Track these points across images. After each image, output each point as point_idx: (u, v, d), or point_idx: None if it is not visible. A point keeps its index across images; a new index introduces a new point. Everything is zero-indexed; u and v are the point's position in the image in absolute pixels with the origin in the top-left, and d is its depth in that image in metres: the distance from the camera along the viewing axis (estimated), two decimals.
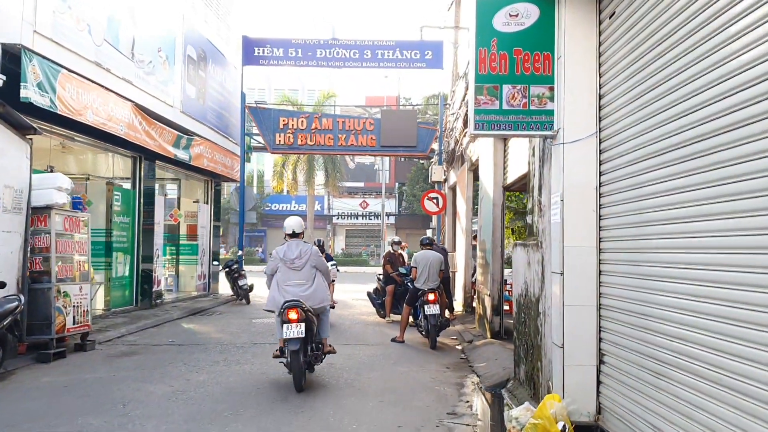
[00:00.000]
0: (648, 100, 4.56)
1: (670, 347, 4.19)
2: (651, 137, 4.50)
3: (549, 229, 5.92)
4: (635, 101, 4.76)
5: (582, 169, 5.41)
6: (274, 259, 7.69)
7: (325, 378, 8.00)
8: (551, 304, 5.78)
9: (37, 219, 9.07)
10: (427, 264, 10.85)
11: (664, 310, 4.30)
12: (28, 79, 9.57)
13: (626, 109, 4.92)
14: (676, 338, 4.12)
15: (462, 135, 15.14)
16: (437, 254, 11.18)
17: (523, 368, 7.10)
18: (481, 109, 5.51)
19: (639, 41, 4.69)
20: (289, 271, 7.53)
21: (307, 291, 7.48)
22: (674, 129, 4.18)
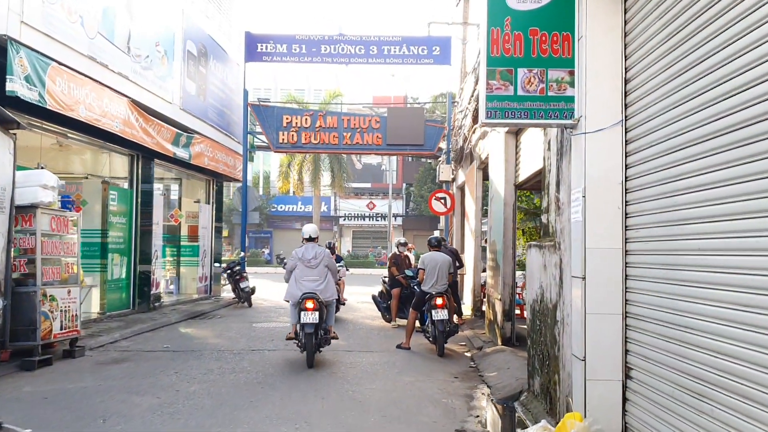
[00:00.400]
0: (683, 82, 4.02)
1: (713, 364, 3.64)
2: (686, 124, 3.96)
3: (568, 229, 5.37)
4: (667, 84, 4.21)
5: (606, 162, 4.85)
6: (293, 258, 9.19)
7: (325, 388, 7.47)
8: (571, 311, 5.23)
9: (21, 218, 8.58)
10: (435, 266, 10.28)
11: (704, 320, 3.75)
12: (15, 72, 9.11)
13: (657, 94, 4.37)
14: (719, 353, 3.57)
15: (471, 132, 14.59)
16: (446, 256, 10.63)
17: (538, 380, 6.55)
18: (493, 95, 4.96)
19: (671, 17, 4.14)
20: (305, 269, 9.04)
21: (320, 286, 8.97)
22: (714, 114, 3.64)
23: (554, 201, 6.04)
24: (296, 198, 47.24)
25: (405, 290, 13.07)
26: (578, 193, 4.96)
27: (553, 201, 6.11)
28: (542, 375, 6.35)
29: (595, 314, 4.84)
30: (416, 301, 10.51)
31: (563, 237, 5.60)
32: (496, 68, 4.96)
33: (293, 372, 8.37)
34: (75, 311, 9.29)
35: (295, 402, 6.80)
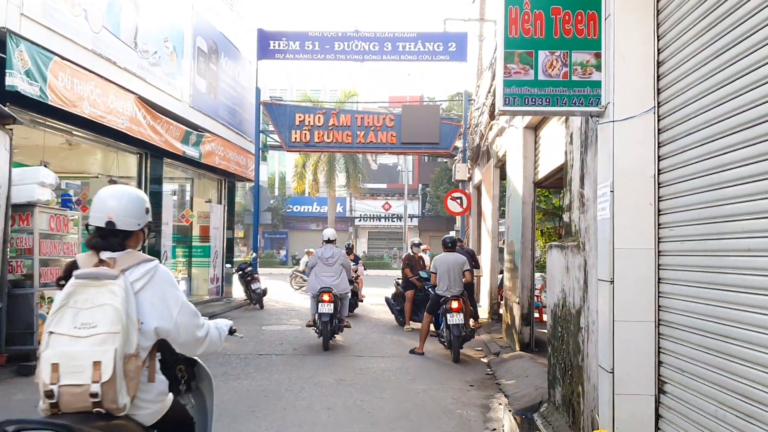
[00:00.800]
0: (724, 62, 3.55)
1: (760, 379, 3.17)
2: (729, 108, 3.49)
3: (594, 228, 4.90)
4: (706, 65, 3.74)
5: (636, 153, 4.39)
6: (314, 257, 10.59)
7: (332, 397, 7.05)
8: (596, 318, 4.77)
9: (19, 218, 8.27)
10: (447, 268, 9.81)
11: (750, 329, 3.28)
12: (15, 66, 8.77)
13: (694, 76, 3.91)
14: None
15: (487, 129, 14.12)
16: (459, 256, 10.16)
17: (560, 390, 6.09)
18: (511, 80, 4.52)
19: None
20: (324, 266, 10.40)
21: (336, 281, 10.31)
22: (762, 96, 3.17)
23: (578, 197, 5.58)
24: (312, 199, 46.98)
25: (419, 293, 12.64)
26: (605, 188, 4.49)
27: (577, 197, 5.65)
28: (564, 385, 5.88)
29: (625, 321, 4.37)
30: (430, 304, 10.06)
31: (588, 236, 5.13)
32: (514, 51, 4.51)
33: (300, 378, 7.96)
34: None
35: (300, 412, 6.39)
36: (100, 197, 2.92)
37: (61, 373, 2.53)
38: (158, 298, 2.81)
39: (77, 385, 2.52)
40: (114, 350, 2.55)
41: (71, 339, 2.57)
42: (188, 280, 18.20)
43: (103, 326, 2.58)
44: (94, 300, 2.62)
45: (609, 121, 4.45)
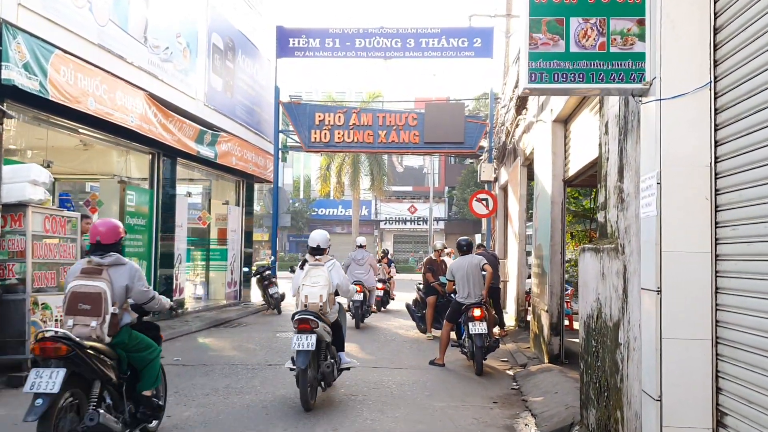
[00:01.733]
0: None
1: None
2: None
3: (636, 227, 4.19)
4: None
5: (688, 138, 3.68)
6: (348, 258, 13.38)
7: (340, 416, 6.41)
8: (639, 333, 4.05)
9: (11, 218, 7.75)
10: (465, 273, 9.09)
11: None
12: (11, 59, 8.28)
13: (760, 43, 3.20)
14: None
15: (514, 125, 13.38)
16: (474, 257, 9.42)
17: (593, 413, 5.36)
18: (538, 52, 3.83)
19: None
20: (356, 266, 13.38)
21: (365, 276, 13.31)
22: None
23: (615, 193, 4.86)
24: (336, 202, 46.48)
25: (441, 298, 11.92)
26: (651, 180, 3.78)
27: (614, 193, 4.93)
28: (599, 408, 5.16)
29: (674, 339, 3.66)
30: (451, 312, 9.34)
31: (628, 237, 4.42)
32: (541, 18, 3.83)
33: None
34: None
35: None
36: None
37: (308, 297, 6.74)
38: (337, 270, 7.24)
39: (314, 303, 6.73)
40: (326, 292, 6.72)
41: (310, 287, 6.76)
42: (205, 285, 17.73)
43: (322, 282, 6.75)
44: (317, 270, 6.88)
45: (655, 99, 3.74)
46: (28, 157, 11.16)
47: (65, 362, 4.45)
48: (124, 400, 5.05)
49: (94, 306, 4.77)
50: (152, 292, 5.41)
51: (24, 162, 9.57)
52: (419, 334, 12.41)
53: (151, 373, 5.31)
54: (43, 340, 4.50)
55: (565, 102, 7.91)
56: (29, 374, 4.47)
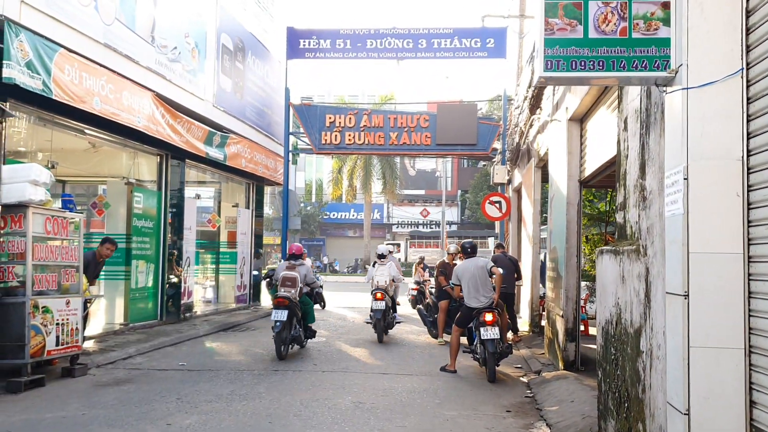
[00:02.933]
0: None
1: None
2: None
3: (659, 227, 3.91)
4: None
5: (718, 129, 3.40)
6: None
7: (346, 425, 6.15)
8: (663, 341, 3.77)
9: (11, 219, 7.56)
10: (471, 276, 8.78)
11: None
12: (13, 57, 8.12)
13: None
14: None
15: (528, 125, 13.09)
16: (479, 259, 9.11)
17: (612, 424, 5.07)
18: (554, 38, 3.57)
19: None
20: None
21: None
22: None
23: (636, 191, 4.57)
24: (348, 205, 46.35)
25: (453, 303, 11.64)
26: (677, 176, 3.50)
27: (634, 191, 4.65)
28: (619, 420, 4.87)
29: (703, 348, 3.37)
30: (460, 317, 9.04)
31: (651, 238, 4.13)
32: (558, 1, 3.57)
33: (314, 400, 7.07)
34: (75, 325, 8.22)
35: None
36: None
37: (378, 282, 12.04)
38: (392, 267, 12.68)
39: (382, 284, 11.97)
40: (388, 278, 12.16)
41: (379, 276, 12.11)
42: (215, 288, 17.55)
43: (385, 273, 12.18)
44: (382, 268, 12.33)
45: (681, 88, 3.47)
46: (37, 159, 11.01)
47: (286, 307, 9.69)
48: (301, 327, 10.26)
49: (293, 283, 10.07)
50: (318, 280, 10.99)
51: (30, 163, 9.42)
52: (430, 338, 12.14)
53: (311, 315, 10.74)
54: (277, 297, 9.90)
55: (581, 100, 7.64)
56: (273, 312, 9.81)
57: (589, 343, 9.46)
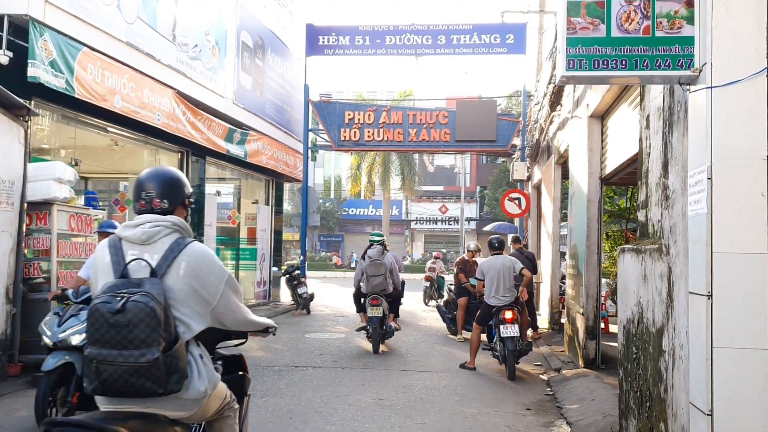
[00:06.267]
0: None
1: None
2: None
3: (682, 226, 3.89)
4: None
5: (743, 128, 3.37)
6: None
7: (366, 422, 6.19)
8: (686, 341, 3.75)
9: (36, 216, 7.70)
10: (496, 274, 8.76)
11: None
12: (38, 56, 8.22)
13: None
14: None
15: (548, 122, 13.03)
16: (507, 258, 9.10)
17: (634, 424, 5.06)
18: (576, 37, 3.56)
19: None
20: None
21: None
22: None
23: (659, 189, 4.55)
24: (367, 202, 46.39)
25: (473, 300, 11.64)
26: (700, 175, 3.48)
27: (656, 190, 4.62)
28: (640, 419, 4.85)
29: (727, 348, 3.35)
30: (481, 314, 9.03)
31: (673, 237, 4.11)
32: (581, 0, 3.55)
33: (335, 397, 7.12)
34: None
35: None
36: None
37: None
38: None
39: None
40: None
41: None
42: None
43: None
44: None
45: (705, 87, 3.44)
46: (61, 156, 11.16)
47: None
48: None
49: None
50: None
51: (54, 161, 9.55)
52: (450, 336, 12.14)
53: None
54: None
55: (602, 96, 7.59)
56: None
57: (610, 341, 9.42)
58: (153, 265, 2.70)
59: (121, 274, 2.68)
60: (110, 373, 2.50)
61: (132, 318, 2.49)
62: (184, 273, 2.71)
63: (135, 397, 2.56)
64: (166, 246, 2.75)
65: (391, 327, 10.54)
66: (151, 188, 2.87)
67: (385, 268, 10.40)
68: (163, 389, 2.53)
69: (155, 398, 2.58)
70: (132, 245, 2.76)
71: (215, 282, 2.79)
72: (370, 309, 10.00)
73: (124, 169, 13.59)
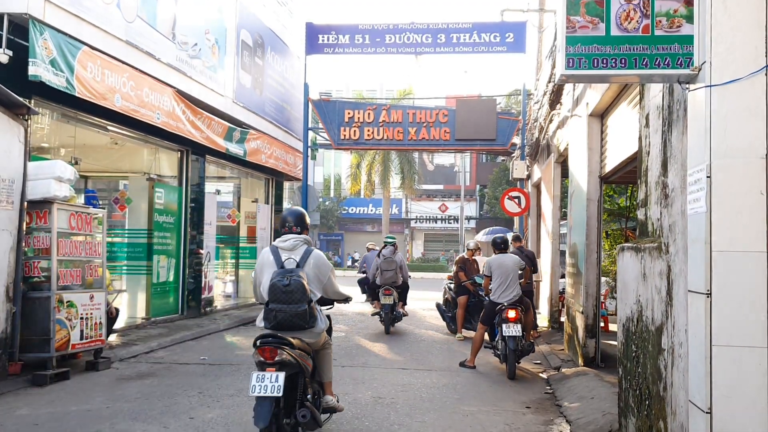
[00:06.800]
0: None
1: None
2: None
3: (681, 225, 3.90)
4: None
5: (741, 127, 3.38)
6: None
7: (367, 420, 6.20)
8: (686, 339, 3.76)
9: (36, 215, 7.69)
10: (503, 272, 8.76)
11: None
12: (38, 55, 8.23)
13: None
14: None
15: (547, 121, 13.03)
16: (514, 257, 9.11)
17: (633, 422, 5.07)
18: (576, 36, 3.56)
19: None
20: None
21: None
22: None
23: (658, 188, 4.55)
24: (366, 200, 46.40)
25: (472, 298, 11.67)
26: (699, 173, 3.49)
27: (656, 188, 4.63)
28: (640, 417, 4.86)
29: (726, 346, 3.36)
30: (485, 314, 9.00)
31: (673, 236, 4.12)
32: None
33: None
34: (98, 319, 8.35)
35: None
36: None
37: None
38: None
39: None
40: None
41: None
42: (235, 283, 17.67)
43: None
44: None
45: (704, 86, 3.45)
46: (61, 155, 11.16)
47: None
48: None
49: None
50: None
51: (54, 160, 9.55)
52: (449, 334, 12.15)
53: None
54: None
55: (602, 95, 7.60)
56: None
57: (609, 339, 9.43)
58: (297, 261, 4.86)
59: (281, 266, 4.81)
60: (282, 317, 4.66)
61: (293, 288, 4.63)
62: (312, 266, 4.95)
63: (293, 330, 4.72)
64: (302, 251, 4.97)
65: (400, 312, 12.70)
66: (291, 220, 5.13)
67: (396, 264, 12.47)
68: (307, 325, 4.74)
69: (302, 331, 4.78)
70: (284, 251, 4.96)
71: (326, 272, 5.07)
72: (383, 297, 12.13)
73: (124, 167, 13.56)
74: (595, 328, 8.67)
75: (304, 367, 4.75)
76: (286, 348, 4.55)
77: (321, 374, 5.30)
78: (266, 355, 4.52)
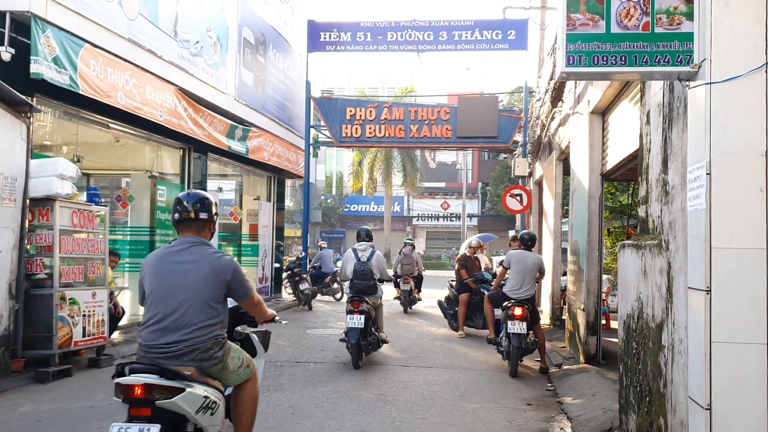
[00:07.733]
0: None
1: None
2: None
3: (682, 222, 3.91)
4: None
5: (741, 124, 3.39)
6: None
7: (368, 417, 6.22)
8: (686, 336, 3.77)
9: (38, 213, 7.72)
10: (523, 268, 8.76)
11: None
12: (40, 53, 8.24)
13: None
14: None
15: (549, 118, 13.03)
16: (537, 257, 9.11)
17: (634, 418, 5.08)
18: (576, 33, 3.57)
19: None
20: None
21: None
22: None
23: (658, 185, 4.56)
24: (368, 198, 46.45)
25: (474, 296, 11.69)
26: (699, 170, 3.50)
27: (656, 186, 4.64)
28: (640, 414, 4.87)
29: (726, 343, 3.37)
30: (496, 297, 9.08)
31: (673, 233, 4.13)
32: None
33: (336, 393, 7.15)
34: (101, 316, 8.38)
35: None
36: None
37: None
38: None
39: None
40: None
41: None
42: None
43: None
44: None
45: (704, 83, 3.45)
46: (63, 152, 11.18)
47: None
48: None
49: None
50: None
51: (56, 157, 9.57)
52: (451, 331, 12.16)
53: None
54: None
55: (603, 93, 7.60)
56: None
57: (610, 336, 9.44)
58: (368, 256, 8.86)
59: (358, 259, 8.84)
60: (360, 286, 8.69)
61: (366, 272, 8.75)
62: (375, 260, 8.88)
63: (366, 294, 8.69)
64: (369, 251, 8.94)
65: (416, 297, 16.00)
66: (363, 235, 9.28)
67: (413, 260, 15.98)
68: (374, 292, 8.85)
69: (372, 295, 8.81)
70: (360, 251, 8.92)
71: (382, 264, 9.01)
72: (402, 285, 15.56)
73: (126, 165, 13.59)
74: (597, 326, 8.68)
75: (371, 314, 8.60)
76: (363, 303, 8.47)
77: (378, 320, 9.01)
78: (354, 305, 8.44)
